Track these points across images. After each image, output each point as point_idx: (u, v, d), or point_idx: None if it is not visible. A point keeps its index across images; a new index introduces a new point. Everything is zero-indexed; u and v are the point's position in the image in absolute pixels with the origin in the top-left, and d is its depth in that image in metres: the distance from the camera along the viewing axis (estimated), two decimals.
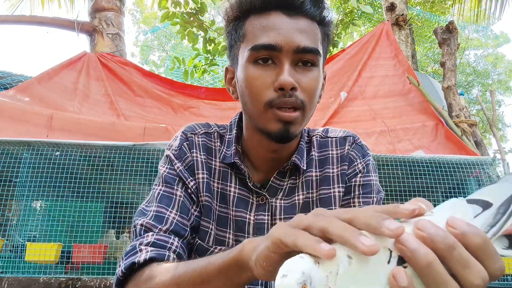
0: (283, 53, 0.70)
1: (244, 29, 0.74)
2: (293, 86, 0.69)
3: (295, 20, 0.71)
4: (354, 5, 4.47)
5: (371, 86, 3.64)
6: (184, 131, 0.83)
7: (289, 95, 0.69)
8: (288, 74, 0.69)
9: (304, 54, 0.71)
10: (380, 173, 2.61)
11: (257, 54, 0.71)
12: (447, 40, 3.81)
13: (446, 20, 6.14)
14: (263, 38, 0.70)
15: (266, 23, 0.71)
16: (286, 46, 0.69)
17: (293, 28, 0.70)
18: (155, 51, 14.89)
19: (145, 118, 3.39)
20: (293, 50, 0.70)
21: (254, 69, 0.71)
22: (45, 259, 2.36)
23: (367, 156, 0.84)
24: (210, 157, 0.81)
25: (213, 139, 0.83)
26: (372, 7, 6.69)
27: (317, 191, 0.81)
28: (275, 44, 0.69)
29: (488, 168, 2.81)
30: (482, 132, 11.64)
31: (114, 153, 2.52)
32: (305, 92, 0.71)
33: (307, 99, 0.71)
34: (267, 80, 0.70)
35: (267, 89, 0.70)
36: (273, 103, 0.70)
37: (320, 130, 0.87)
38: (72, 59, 3.77)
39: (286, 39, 0.69)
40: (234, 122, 0.85)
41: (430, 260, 0.34)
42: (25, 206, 2.58)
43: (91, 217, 2.76)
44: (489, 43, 14.75)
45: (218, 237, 0.77)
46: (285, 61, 0.70)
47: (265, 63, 0.71)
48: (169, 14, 4.31)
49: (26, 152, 2.55)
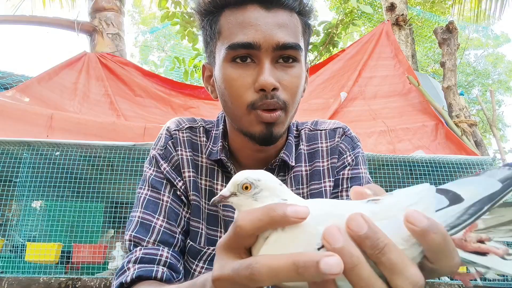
0: (262, 51, 0.65)
1: (220, 25, 0.69)
2: (274, 86, 0.65)
3: (274, 13, 0.66)
4: (354, 5, 4.46)
5: (371, 86, 3.64)
6: (168, 129, 0.80)
7: (271, 96, 0.65)
8: (269, 73, 0.65)
9: (284, 51, 0.66)
10: (380, 173, 2.61)
11: (234, 53, 0.66)
12: (447, 40, 3.81)
13: (446, 20, 6.13)
14: (240, 35, 0.65)
15: (242, 19, 0.66)
16: (265, 43, 0.65)
17: (272, 23, 0.65)
18: (154, 51, 14.90)
19: (145, 118, 3.39)
20: (273, 48, 0.65)
21: (232, 69, 0.67)
22: (45, 259, 2.36)
23: (357, 148, 0.81)
24: (196, 153, 0.78)
25: (199, 134, 0.80)
26: (372, 7, 6.69)
27: (307, 186, 0.79)
28: (253, 43, 0.65)
29: (488, 168, 2.81)
30: (482, 132, 11.64)
31: (114, 153, 2.51)
32: (287, 90, 0.67)
33: (289, 98, 0.68)
34: (247, 81, 0.66)
35: (247, 90, 0.66)
36: (256, 105, 0.66)
37: (309, 123, 0.84)
38: (72, 59, 3.77)
39: (265, 36, 0.65)
40: (221, 117, 0.82)
41: (355, 263, 0.32)
42: (25, 206, 2.58)
43: (91, 217, 2.76)
44: (489, 43, 14.75)
45: (210, 237, 0.75)
46: (264, 60, 0.66)
47: (244, 61, 0.66)
48: (169, 14, 4.31)
49: (26, 152, 2.55)
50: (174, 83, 3.94)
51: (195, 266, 0.74)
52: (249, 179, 0.43)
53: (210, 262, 0.73)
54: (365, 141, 3.01)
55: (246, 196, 0.43)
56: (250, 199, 0.43)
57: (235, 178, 0.44)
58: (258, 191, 0.43)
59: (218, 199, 0.44)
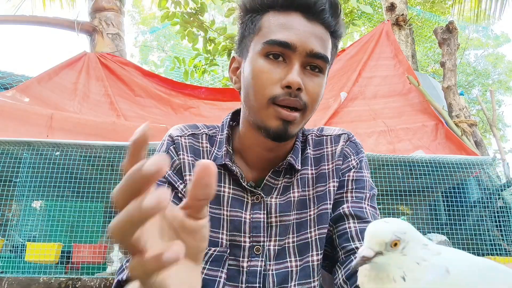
0: (296, 54, 0.70)
1: (261, 22, 0.74)
2: (299, 86, 0.69)
3: (312, 25, 0.72)
4: (354, 5, 4.47)
5: (371, 86, 3.64)
6: (171, 135, 0.82)
7: (294, 94, 0.70)
8: (297, 74, 0.69)
9: (314, 59, 0.72)
10: (380, 173, 2.61)
11: (270, 48, 0.71)
12: (447, 40, 3.81)
13: (446, 20, 6.13)
14: (279, 34, 0.70)
15: (284, 21, 0.72)
16: (301, 47, 0.70)
17: (309, 32, 0.71)
18: (154, 51, 14.89)
19: (145, 118, 3.39)
20: (306, 53, 0.71)
21: (264, 63, 0.71)
22: (45, 259, 2.36)
23: (361, 153, 0.85)
24: (198, 159, 0.80)
25: (201, 140, 0.83)
26: (372, 7, 6.69)
27: (313, 188, 0.81)
28: (291, 43, 0.70)
29: (488, 168, 2.81)
30: (482, 132, 11.64)
31: (114, 153, 2.51)
32: (309, 95, 0.72)
33: (310, 102, 0.72)
34: (275, 76, 0.70)
35: (273, 84, 0.70)
36: (277, 100, 0.70)
37: (315, 129, 0.88)
38: (72, 59, 3.77)
39: (302, 41, 0.70)
40: (225, 122, 0.85)
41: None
42: (25, 206, 2.58)
43: (91, 217, 2.76)
44: (489, 43, 14.74)
45: (211, 238, 0.76)
46: (296, 62, 0.70)
47: (276, 59, 0.71)
48: (169, 14, 4.30)
49: (26, 152, 2.55)
50: (174, 83, 3.94)
51: None
52: (397, 234, 0.39)
53: (212, 262, 0.74)
54: (365, 141, 3.01)
55: (395, 254, 0.39)
56: (399, 254, 0.39)
57: (378, 235, 0.39)
58: (406, 244, 0.39)
59: (360, 262, 0.40)
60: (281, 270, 0.75)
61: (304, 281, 0.75)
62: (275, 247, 0.77)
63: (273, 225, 0.78)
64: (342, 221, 0.76)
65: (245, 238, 0.76)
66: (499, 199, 2.73)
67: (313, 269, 0.76)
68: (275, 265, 0.76)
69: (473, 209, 2.79)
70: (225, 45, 4.63)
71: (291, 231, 0.78)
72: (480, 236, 2.60)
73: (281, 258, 0.76)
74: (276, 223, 0.78)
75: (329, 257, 0.79)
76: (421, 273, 0.39)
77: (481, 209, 2.76)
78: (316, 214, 0.79)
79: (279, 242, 0.77)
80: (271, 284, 0.74)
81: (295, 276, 0.75)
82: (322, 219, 0.78)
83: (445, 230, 2.82)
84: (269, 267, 0.75)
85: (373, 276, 0.42)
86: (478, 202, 2.82)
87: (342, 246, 0.74)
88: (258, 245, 0.76)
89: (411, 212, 3.13)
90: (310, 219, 0.79)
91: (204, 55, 4.75)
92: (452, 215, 2.66)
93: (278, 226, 0.78)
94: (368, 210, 0.77)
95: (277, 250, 0.77)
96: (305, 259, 0.76)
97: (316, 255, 0.76)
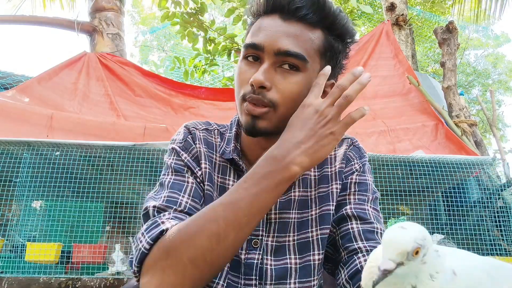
0: (265, 53, 0.73)
1: (250, 28, 0.79)
2: (260, 84, 0.71)
3: (288, 24, 0.73)
4: (354, 5, 4.47)
5: (371, 86, 3.64)
6: (187, 126, 0.86)
7: (258, 92, 0.72)
8: (261, 73, 0.71)
9: (286, 57, 0.72)
10: (380, 173, 2.61)
11: (246, 51, 0.76)
12: (447, 40, 3.81)
13: (446, 20, 6.13)
14: (253, 37, 0.75)
15: (260, 24, 0.75)
16: (268, 47, 0.72)
17: (281, 31, 0.73)
18: (154, 51, 14.89)
19: (145, 118, 3.39)
20: (274, 52, 0.72)
21: (242, 65, 0.76)
22: (45, 259, 2.36)
23: (364, 158, 0.86)
24: (211, 151, 0.84)
25: (213, 135, 0.87)
26: (372, 7, 6.69)
27: (315, 189, 0.83)
28: (258, 44, 0.73)
29: (488, 168, 2.81)
30: (482, 132, 11.64)
31: (114, 153, 2.51)
32: (280, 93, 0.72)
33: (280, 99, 0.72)
34: (247, 76, 0.74)
35: (244, 84, 0.74)
36: (245, 97, 0.74)
37: None
38: (72, 59, 3.77)
39: (269, 41, 0.72)
40: (234, 121, 0.88)
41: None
42: (25, 206, 2.58)
43: (91, 217, 2.76)
44: (489, 43, 14.74)
45: None
46: (265, 61, 0.73)
47: (255, 61, 0.75)
48: (169, 14, 4.31)
49: (26, 152, 2.55)
50: (174, 83, 3.94)
51: None
52: (418, 241, 0.37)
53: None
54: (365, 141, 3.01)
55: (416, 262, 0.37)
56: (419, 263, 0.37)
57: (399, 244, 0.37)
58: (426, 251, 0.37)
59: (382, 276, 0.37)
60: (280, 265, 0.77)
61: (304, 279, 0.76)
62: (273, 242, 0.79)
63: (272, 221, 0.80)
64: (344, 222, 0.78)
65: None
66: (499, 199, 2.73)
67: (314, 268, 0.77)
68: (274, 261, 0.77)
69: (473, 209, 2.79)
70: (225, 45, 4.64)
71: (292, 229, 0.80)
72: (480, 236, 2.60)
73: (280, 255, 0.78)
74: (275, 220, 0.80)
75: (331, 259, 0.81)
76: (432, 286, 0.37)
77: (481, 209, 2.76)
78: (318, 214, 0.80)
79: (278, 239, 0.79)
80: (268, 277, 0.76)
81: (294, 273, 0.76)
82: (324, 220, 0.80)
83: (445, 230, 2.82)
84: (266, 261, 0.77)
85: (386, 283, 0.39)
86: (478, 202, 2.82)
87: (345, 247, 0.75)
88: (256, 238, 0.78)
89: (411, 212, 3.13)
90: (311, 219, 0.80)
91: (204, 55, 4.75)
92: (452, 215, 2.67)
93: (277, 223, 0.80)
94: (371, 212, 0.79)
95: (275, 246, 0.79)
96: (305, 258, 0.78)
97: (318, 255, 0.78)
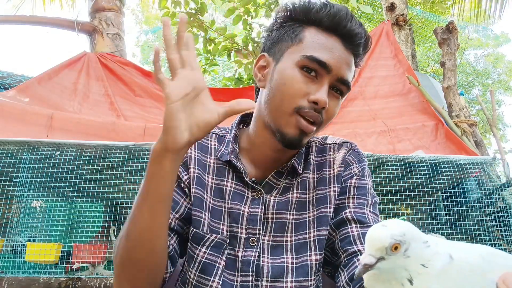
0: (329, 75, 0.76)
1: (303, 35, 0.79)
2: (325, 105, 0.75)
3: (347, 53, 0.78)
4: (354, 5, 4.46)
5: (371, 86, 3.64)
6: None
7: (318, 111, 0.76)
8: (326, 94, 0.75)
9: (341, 84, 0.78)
10: (380, 173, 2.61)
11: (308, 63, 0.76)
12: (447, 40, 3.81)
13: (446, 20, 6.13)
14: (320, 53, 0.76)
15: (326, 42, 0.77)
16: (335, 71, 0.76)
17: (344, 59, 0.77)
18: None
19: (145, 118, 3.39)
20: (337, 77, 0.77)
21: (299, 74, 0.76)
22: (45, 259, 2.36)
23: (363, 162, 0.87)
24: (205, 155, 0.86)
25: (210, 139, 0.88)
26: (372, 7, 6.69)
27: (313, 191, 0.84)
28: (328, 64, 0.75)
29: (488, 168, 2.81)
30: (482, 132, 11.63)
31: (114, 153, 2.51)
32: (328, 113, 0.78)
33: (326, 119, 0.79)
34: (305, 89, 0.75)
35: (301, 96, 0.75)
36: (301, 111, 0.75)
37: (320, 137, 0.92)
38: (72, 59, 3.77)
39: (337, 65, 0.76)
40: (234, 124, 0.90)
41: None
42: (25, 206, 2.58)
43: (91, 217, 2.76)
44: (489, 43, 14.73)
45: (213, 227, 0.80)
46: (326, 82, 0.76)
47: (309, 73, 0.76)
48: (169, 14, 4.31)
49: (26, 152, 2.55)
50: None
51: (198, 251, 0.79)
52: (396, 237, 0.39)
53: (212, 248, 0.79)
54: (365, 141, 3.01)
55: (397, 257, 0.39)
56: (402, 258, 0.39)
57: (377, 241, 0.39)
58: (408, 246, 0.39)
59: (363, 270, 0.41)
60: (277, 263, 0.78)
61: (301, 278, 0.77)
62: (269, 241, 0.80)
63: (269, 221, 0.81)
64: (344, 226, 0.78)
65: (242, 229, 0.80)
66: (499, 199, 2.73)
67: (311, 268, 0.78)
68: (271, 259, 0.79)
69: (473, 209, 2.79)
70: (225, 45, 4.64)
71: (290, 230, 0.81)
72: (480, 236, 2.60)
73: (277, 254, 0.79)
74: (272, 219, 0.81)
75: (330, 263, 0.82)
76: (428, 275, 0.39)
77: (481, 209, 2.76)
78: (316, 216, 0.81)
79: (275, 238, 0.81)
80: (265, 274, 0.77)
81: (291, 272, 0.77)
82: (321, 221, 0.81)
83: (445, 230, 2.82)
84: (263, 258, 0.79)
85: (382, 278, 0.42)
86: (478, 202, 2.82)
87: (344, 249, 0.76)
88: (253, 237, 0.79)
89: (411, 212, 3.13)
90: (309, 220, 0.82)
91: (204, 55, 4.75)
92: (452, 215, 2.66)
93: (274, 223, 0.81)
94: (370, 216, 0.79)
95: (272, 244, 0.80)
96: (302, 258, 0.79)
97: (315, 255, 0.79)
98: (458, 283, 0.37)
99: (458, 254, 0.39)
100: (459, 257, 0.39)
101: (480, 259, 0.38)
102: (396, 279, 0.40)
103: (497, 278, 0.37)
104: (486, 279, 0.37)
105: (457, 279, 0.38)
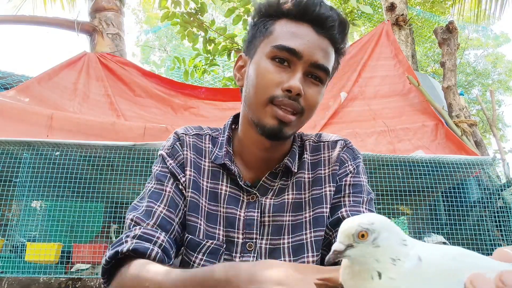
0: (301, 62, 0.75)
1: (273, 27, 0.79)
2: (299, 92, 0.74)
3: (320, 38, 0.77)
4: (354, 5, 4.46)
5: (371, 86, 3.64)
6: (176, 132, 0.87)
7: (293, 98, 0.74)
8: (299, 80, 0.74)
9: (317, 70, 0.77)
10: (380, 173, 2.61)
11: (278, 52, 0.75)
12: (447, 40, 3.81)
13: (446, 20, 6.13)
14: (289, 41, 0.75)
15: (295, 30, 0.77)
16: (306, 56, 0.75)
17: (316, 44, 0.76)
18: (156, 51, 14.88)
19: (145, 118, 3.39)
20: (310, 63, 0.76)
21: (270, 65, 0.76)
22: (45, 259, 2.36)
23: (358, 159, 0.87)
24: (200, 157, 0.85)
25: (204, 141, 0.87)
26: (372, 7, 6.69)
27: (309, 191, 0.83)
28: (298, 50, 0.74)
29: (488, 168, 2.81)
30: (482, 132, 11.63)
31: (114, 153, 2.51)
32: (307, 101, 0.77)
33: (307, 107, 0.77)
34: (278, 79, 0.75)
35: (274, 86, 0.75)
36: (275, 100, 0.74)
37: (313, 135, 0.91)
38: (72, 59, 3.77)
39: (308, 51, 0.75)
40: (227, 125, 0.89)
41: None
42: (25, 206, 2.58)
43: (91, 217, 2.76)
44: (489, 43, 14.73)
45: (209, 232, 0.79)
46: (299, 69, 0.75)
47: (282, 64, 0.76)
48: (169, 14, 4.30)
49: (26, 152, 2.55)
50: (174, 83, 3.94)
51: (194, 258, 0.78)
52: (363, 225, 0.40)
53: (208, 254, 0.77)
54: (365, 141, 3.01)
55: (366, 245, 0.40)
56: (371, 246, 0.40)
57: (345, 228, 0.41)
58: (377, 235, 0.40)
59: (332, 256, 0.42)
60: None
61: None
62: (267, 245, 0.79)
63: (266, 224, 0.80)
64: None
65: (239, 234, 0.79)
66: (499, 199, 2.73)
67: None
68: None
69: (473, 209, 2.79)
70: (225, 45, 4.63)
71: (286, 232, 0.80)
72: (480, 236, 2.60)
73: (275, 257, 0.79)
74: (269, 223, 0.80)
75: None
76: (396, 273, 0.40)
77: (481, 209, 2.76)
78: (312, 217, 0.81)
79: (272, 241, 0.80)
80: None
81: None
82: (318, 222, 0.80)
83: (445, 230, 2.82)
84: None
85: (354, 271, 0.43)
86: (478, 202, 2.82)
87: None
88: (250, 241, 0.79)
89: (411, 212, 3.13)
90: (305, 221, 0.81)
91: (204, 55, 4.75)
92: (452, 215, 2.66)
93: (270, 226, 0.80)
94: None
95: (269, 248, 0.79)
96: (300, 260, 0.78)
97: (312, 256, 0.78)
98: (425, 284, 0.38)
99: (428, 256, 0.40)
100: (428, 259, 0.39)
101: (451, 260, 0.39)
102: (367, 270, 0.41)
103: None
104: (455, 280, 0.37)
105: (424, 281, 0.38)
